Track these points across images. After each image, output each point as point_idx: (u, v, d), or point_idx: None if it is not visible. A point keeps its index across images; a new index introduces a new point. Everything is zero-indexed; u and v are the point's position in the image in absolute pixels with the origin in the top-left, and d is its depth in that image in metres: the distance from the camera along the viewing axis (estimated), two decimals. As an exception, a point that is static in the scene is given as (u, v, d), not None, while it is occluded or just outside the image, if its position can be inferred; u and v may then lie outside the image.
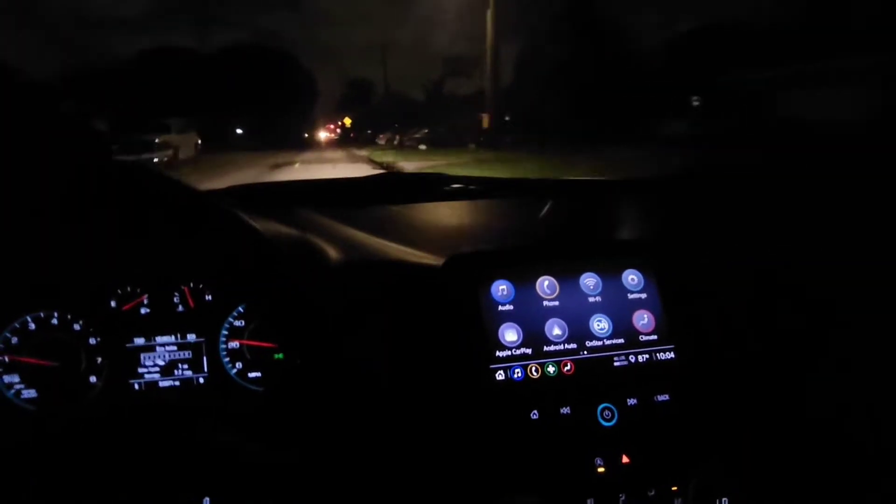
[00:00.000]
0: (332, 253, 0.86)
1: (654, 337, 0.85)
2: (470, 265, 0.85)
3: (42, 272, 0.83)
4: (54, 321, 0.84)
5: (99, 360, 0.85)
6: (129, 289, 0.86)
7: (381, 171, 1.13)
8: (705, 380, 0.83)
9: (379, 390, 0.79)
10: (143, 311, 0.87)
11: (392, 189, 1.21)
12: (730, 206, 0.96)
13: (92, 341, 0.85)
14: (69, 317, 0.84)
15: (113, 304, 0.86)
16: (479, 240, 0.89)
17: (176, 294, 0.88)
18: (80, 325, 0.84)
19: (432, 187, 1.17)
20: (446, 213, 1.02)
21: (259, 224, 0.92)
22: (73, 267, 0.84)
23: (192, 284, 0.88)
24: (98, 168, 0.70)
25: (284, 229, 0.88)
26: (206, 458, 0.74)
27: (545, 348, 0.82)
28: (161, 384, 0.87)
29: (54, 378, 0.83)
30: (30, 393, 0.83)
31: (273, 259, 0.79)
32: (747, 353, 0.85)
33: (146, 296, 0.87)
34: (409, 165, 11.25)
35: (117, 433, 0.79)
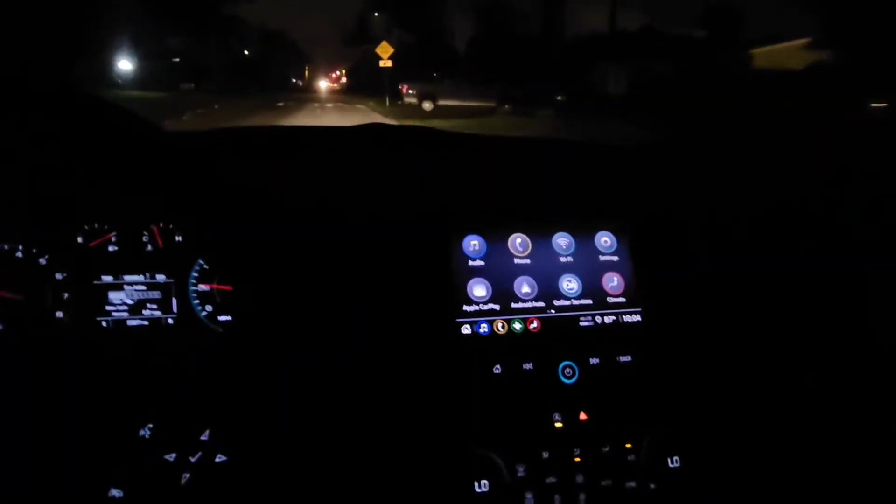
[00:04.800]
0: (305, 201, 0.85)
1: (622, 299, 0.85)
2: (443, 218, 0.84)
3: (4, 205, 0.81)
4: (19, 254, 0.83)
5: (65, 295, 0.84)
6: (96, 225, 0.85)
7: (367, 123, 1.10)
8: (668, 343, 0.84)
9: (345, 339, 0.80)
10: (110, 248, 0.86)
11: (376, 140, 1.19)
12: (707, 172, 0.95)
13: (58, 276, 0.84)
14: (34, 250, 0.83)
15: (80, 239, 0.85)
16: (454, 194, 0.88)
17: (145, 233, 0.87)
18: (46, 260, 0.84)
19: (417, 141, 1.15)
20: (426, 167, 1.01)
21: (234, 168, 0.90)
22: (38, 200, 0.82)
23: (161, 224, 0.87)
24: (65, 100, 0.68)
25: (257, 175, 0.86)
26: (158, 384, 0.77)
27: (513, 305, 0.83)
28: (129, 323, 0.87)
29: (19, 310, 0.83)
30: None
31: (237, 205, 0.78)
32: (712, 320, 0.86)
33: (114, 233, 0.86)
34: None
35: (82, 363, 0.80)
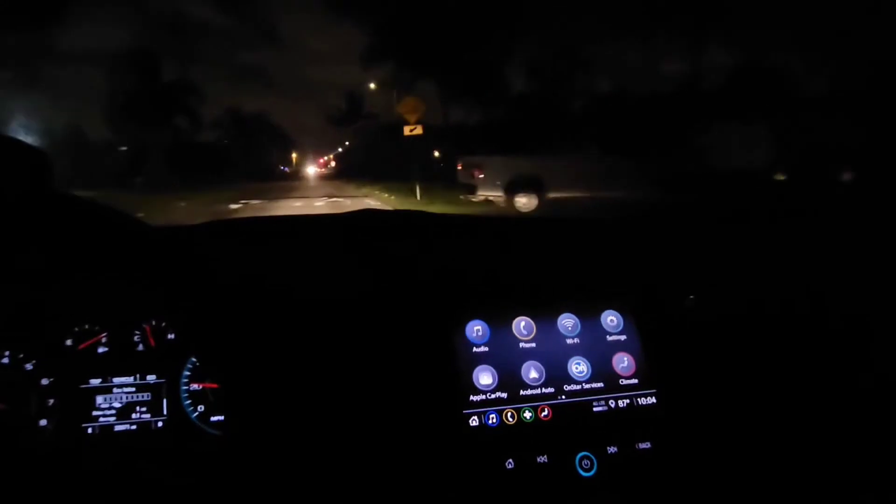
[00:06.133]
0: (303, 290, 0.84)
1: (635, 381, 0.82)
2: (444, 304, 0.82)
3: None
4: (5, 360, 0.79)
5: (51, 401, 0.80)
6: (86, 326, 0.82)
7: (360, 209, 1.10)
8: (688, 426, 0.80)
9: (346, 433, 0.75)
10: (100, 350, 0.83)
11: (370, 227, 1.19)
12: (711, 246, 0.95)
13: (44, 382, 0.80)
14: (21, 356, 0.80)
15: (69, 342, 0.81)
16: (454, 279, 0.87)
17: (137, 332, 0.84)
18: (33, 365, 0.80)
19: (412, 226, 1.15)
20: (423, 251, 1.00)
21: (229, 261, 0.89)
22: (27, 303, 0.80)
23: (153, 322, 0.84)
24: (55, 199, 0.67)
25: (251, 265, 0.85)
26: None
27: (521, 392, 0.79)
28: (116, 428, 0.82)
29: (1, 420, 0.78)
30: None
31: (231, 297, 0.76)
32: (730, 398, 0.82)
33: (105, 334, 0.83)
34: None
35: (65, 475, 0.74)
